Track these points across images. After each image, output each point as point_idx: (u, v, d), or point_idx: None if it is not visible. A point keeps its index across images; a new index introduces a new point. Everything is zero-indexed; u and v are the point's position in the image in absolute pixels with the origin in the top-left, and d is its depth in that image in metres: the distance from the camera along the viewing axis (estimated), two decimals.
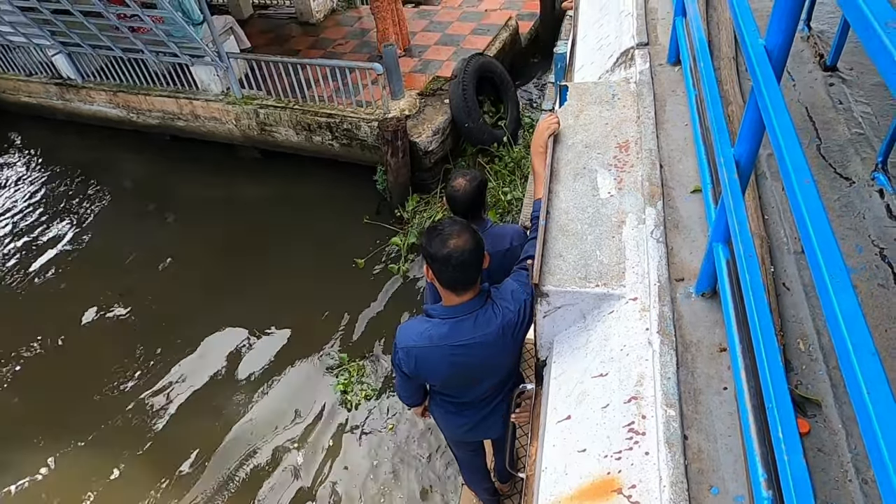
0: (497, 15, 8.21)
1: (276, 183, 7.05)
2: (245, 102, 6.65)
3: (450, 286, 1.89)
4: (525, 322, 1.96)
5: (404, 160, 5.90)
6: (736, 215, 1.07)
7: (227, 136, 7.14)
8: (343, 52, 7.82)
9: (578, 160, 2.03)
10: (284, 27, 8.56)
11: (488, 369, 2.08)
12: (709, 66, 1.46)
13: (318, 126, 6.38)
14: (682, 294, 1.53)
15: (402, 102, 6.27)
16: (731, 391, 1.33)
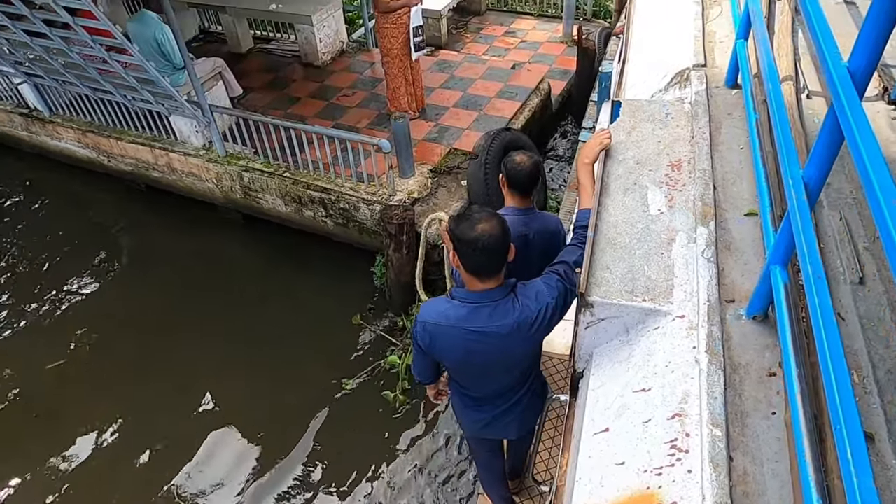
0: (527, 75, 6.97)
1: (256, 254, 5.93)
2: (228, 162, 5.61)
3: (474, 271, 1.89)
4: (544, 324, 1.95)
5: (409, 256, 4.81)
6: (805, 237, 1.06)
7: (206, 195, 6.11)
8: (349, 104, 6.63)
9: (629, 175, 2.03)
10: (286, 67, 7.49)
11: (501, 364, 2.07)
12: (777, 90, 1.45)
13: (311, 200, 5.36)
14: (732, 315, 1.52)
15: (410, 182, 5.25)
16: (780, 416, 1.30)
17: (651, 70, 2.83)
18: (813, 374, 1.21)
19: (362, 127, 6.16)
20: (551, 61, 7.70)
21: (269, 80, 7.29)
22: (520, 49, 8.04)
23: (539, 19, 8.72)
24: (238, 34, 7.71)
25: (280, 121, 5.16)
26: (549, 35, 8.27)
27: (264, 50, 7.95)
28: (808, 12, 1.31)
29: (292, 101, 6.78)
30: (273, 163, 5.51)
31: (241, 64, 7.52)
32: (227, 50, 7.72)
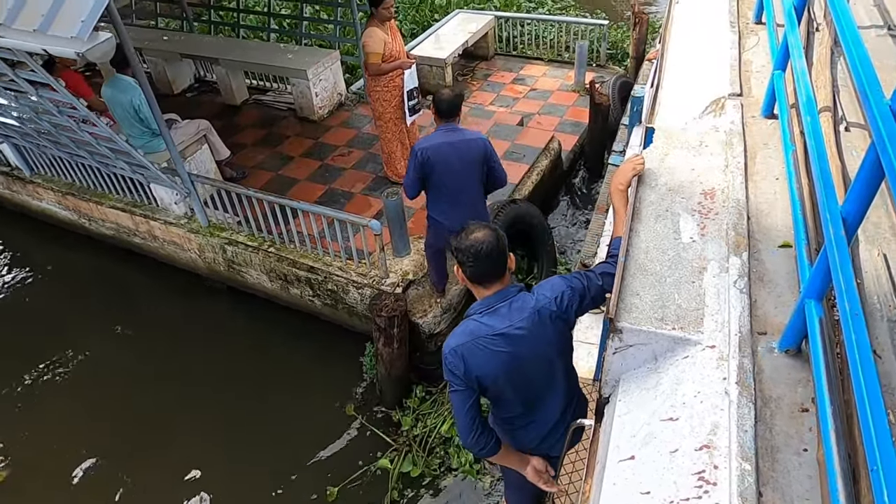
0: (535, 134, 6.46)
1: (240, 328, 5.44)
2: (210, 233, 5.25)
3: (478, 279, 2.01)
4: (563, 309, 1.99)
5: (400, 351, 4.34)
6: (842, 273, 1.06)
7: (189, 265, 5.76)
8: (344, 165, 6.16)
9: (661, 202, 2.03)
10: (281, 121, 7.09)
11: (534, 363, 2.05)
12: (816, 122, 1.44)
13: (297, 279, 4.94)
14: (764, 348, 1.50)
15: (405, 261, 4.74)
16: (812, 454, 1.28)
17: (685, 97, 2.83)
18: (847, 412, 1.19)
19: (357, 192, 5.72)
20: (562, 112, 7.06)
21: (262, 135, 6.86)
22: (529, 99, 7.33)
23: (549, 65, 8.06)
24: (232, 87, 7.34)
25: (263, 194, 4.75)
26: (561, 83, 7.63)
27: (260, 101, 7.55)
28: (848, 45, 1.31)
29: (285, 161, 6.35)
30: (258, 235, 5.11)
31: (234, 117, 7.18)
32: (222, 101, 7.43)
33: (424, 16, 9.86)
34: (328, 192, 5.80)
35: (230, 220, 5.21)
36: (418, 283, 4.68)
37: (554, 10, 10.25)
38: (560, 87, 7.54)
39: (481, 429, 2.06)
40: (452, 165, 3.62)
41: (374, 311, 4.19)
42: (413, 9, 10.07)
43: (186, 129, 5.48)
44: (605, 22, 7.52)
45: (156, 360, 5.20)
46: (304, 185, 5.94)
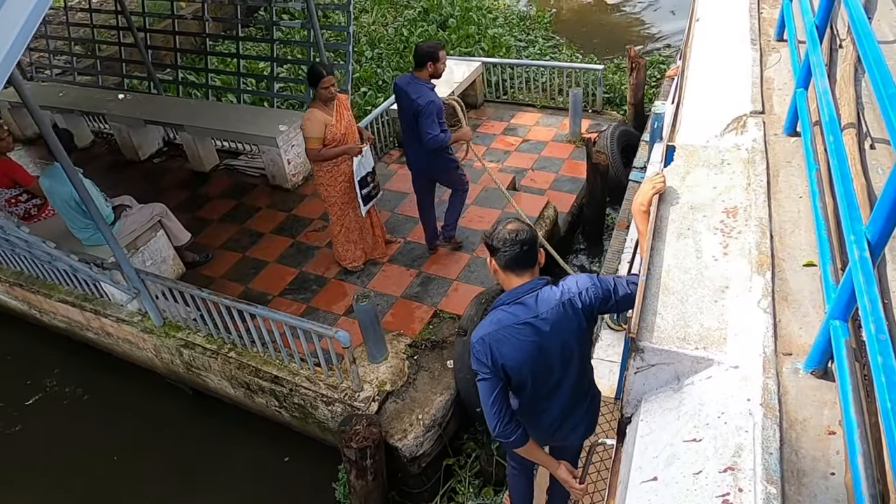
0: (528, 199, 5.73)
1: (203, 431, 4.90)
2: (166, 333, 4.73)
3: (512, 266, 2.09)
4: (587, 304, 2.08)
5: (376, 483, 3.82)
6: (867, 294, 1.05)
7: (146, 364, 5.21)
8: (318, 244, 5.54)
9: (683, 220, 2.02)
10: (252, 190, 6.50)
11: (556, 351, 2.12)
12: (839, 141, 1.44)
13: (260, 389, 4.39)
14: (789, 369, 1.48)
15: (381, 368, 4.15)
16: (839, 478, 1.26)
17: (706, 115, 2.82)
18: (875, 436, 1.17)
19: (331, 277, 5.13)
20: (557, 167, 6.50)
21: (231, 207, 6.28)
22: (521, 152, 6.77)
23: (542, 111, 7.51)
24: (200, 153, 6.78)
25: (216, 296, 4.13)
26: (555, 132, 7.07)
27: (231, 167, 6.96)
28: (870, 63, 1.31)
29: (254, 239, 5.76)
30: (217, 337, 4.53)
31: (203, 186, 6.65)
32: (190, 167, 6.96)
33: (409, 63, 9.10)
34: (299, 277, 5.19)
35: (188, 316, 4.59)
36: (397, 394, 4.08)
37: (545, 48, 9.75)
38: (554, 138, 6.98)
39: (508, 418, 2.12)
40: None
41: (344, 440, 3.59)
42: (397, 55, 9.63)
43: (139, 216, 4.98)
44: (600, 66, 7.12)
45: (103, 465, 4.72)
46: (273, 268, 5.35)
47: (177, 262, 5.35)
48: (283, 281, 5.19)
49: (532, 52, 9.62)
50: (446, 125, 4.42)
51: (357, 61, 9.43)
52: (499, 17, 10.79)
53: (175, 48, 7.64)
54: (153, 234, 5.08)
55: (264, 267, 5.40)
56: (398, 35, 10.23)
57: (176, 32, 7.55)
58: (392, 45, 9.96)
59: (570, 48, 9.89)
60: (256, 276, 5.30)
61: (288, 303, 4.93)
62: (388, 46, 9.96)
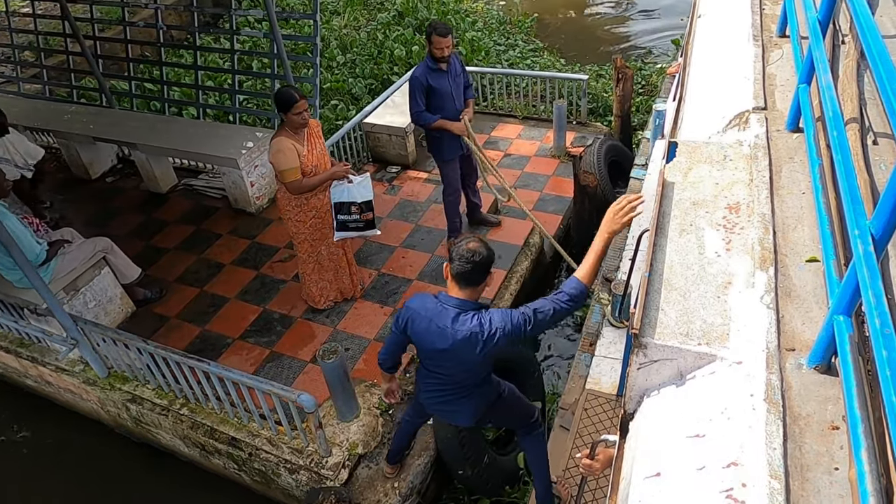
0: (512, 228, 5.35)
1: (157, 487, 4.43)
2: (110, 386, 4.25)
3: (456, 278, 2.44)
4: (490, 344, 2.42)
5: None
6: (872, 289, 1.05)
7: (92, 415, 4.75)
8: (284, 276, 5.09)
9: (685, 217, 2.02)
10: (213, 213, 5.97)
11: (453, 361, 2.57)
12: (843, 136, 1.44)
13: (216, 451, 3.97)
14: (793, 364, 1.48)
15: (352, 427, 3.75)
16: (843, 473, 1.26)
17: (708, 111, 2.82)
18: (879, 430, 1.17)
19: (298, 316, 4.74)
20: (542, 184, 6.12)
21: (189, 234, 5.75)
22: (503, 168, 6.34)
23: (524, 123, 7.22)
24: (155, 174, 6.29)
25: (163, 350, 3.71)
26: (538, 145, 6.77)
27: (190, 187, 6.41)
28: (874, 58, 1.31)
29: (213, 271, 5.25)
30: (168, 391, 4.09)
31: (158, 209, 6.13)
32: (146, 187, 6.44)
33: (383, 70, 8.83)
34: (263, 317, 4.76)
35: (137, 364, 4.11)
36: (371, 457, 3.69)
37: (525, 51, 9.42)
38: (538, 152, 6.66)
39: (391, 356, 2.87)
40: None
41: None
42: (370, 62, 9.13)
43: (80, 253, 4.51)
44: (584, 76, 6.84)
45: None
46: (234, 306, 4.89)
47: (125, 300, 4.85)
48: (244, 321, 4.72)
49: (512, 56, 9.21)
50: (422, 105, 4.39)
51: (327, 68, 8.88)
52: (477, 21, 10.31)
53: (128, 58, 7.03)
54: (96, 272, 4.56)
55: (224, 304, 4.90)
56: (371, 39, 9.62)
57: (128, 41, 6.98)
58: (365, 50, 9.32)
59: (551, 53, 9.58)
60: (215, 315, 4.81)
61: (250, 347, 4.49)
62: (360, 51, 9.31)
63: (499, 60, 9.13)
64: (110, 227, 5.80)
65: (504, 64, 9.01)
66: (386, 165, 6.67)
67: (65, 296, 4.33)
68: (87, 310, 4.50)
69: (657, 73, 8.54)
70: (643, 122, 7.61)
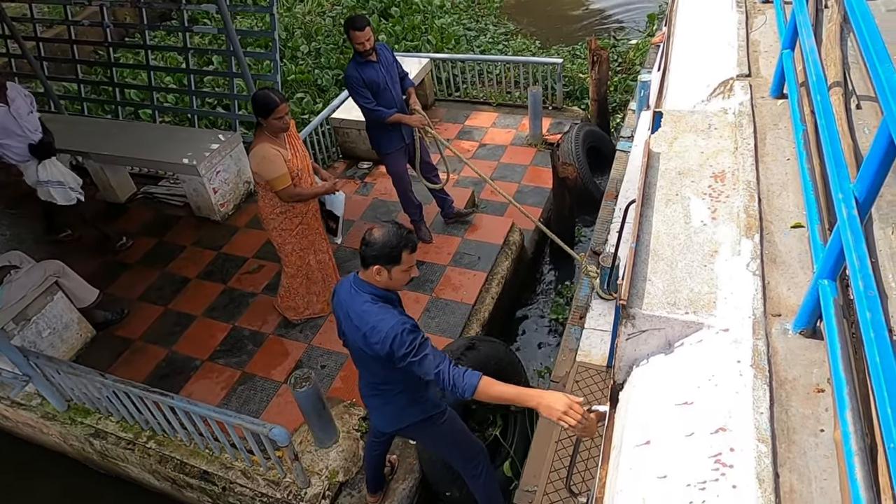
0: (491, 222, 5.07)
1: None
2: (71, 420, 3.99)
3: (360, 260, 2.33)
4: (369, 337, 2.27)
5: None
6: (856, 252, 1.05)
7: (56, 448, 4.41)
8: (253, 289, 4.78)
9: (671, 186, 2.02)
10: (176, 223, 5.56)
11: (352, 343, 2.44)
12: (827, 102, 1.43)
13: (188, 485, 3.74)
14: (779, 330, 1.49)
15: (332, 454, 3.52)
16: (829, 434, 1.28)
17: (693, 80, 2.80)
18: (864, 392, 1.19)
19: (269, 332, 4.42)
20: (519, 175, 5.85)
21: (150, 247, 5.35)
22: (479, 159, 6.08)
23: (499, 110, 6.92)
24: (112, 183, 5.82)
25: (124, 383, 3.43)
26: (514, 134, 6.48)
27: (150, 195, 5.96)
28: (858, 21, 1.30)
29: (178, 286, 4.91)
30: (132, 423, 3.81)
31: (117, 221, 5.67)
32: (103, 197, 5.93)
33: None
34: (232, 335, 4.45)
35: (98, 395, 3.76)
36: (353, 483, 3.47)
37: (497, 36, 9.08)
38: (514, 141, 6.39)
39: None
40: None
41: None
42: (336, 51, 8.61)
43: (28, 279, 4.16)
44: (559, 60, 6.52)
45: None
46: (201, 324, 4.57)
47: (84, 325, 4.48)
48: (213, 340, 4.42)
49: (484, 42, 8.90)
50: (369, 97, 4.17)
51: (291, 58, 8.48)
52: (446, 3, 9.85)
53: (74, 59, 6.54)
54: (48, 298, 4.18)
55: (191, 323, 4.58)
56: (336, 27, 9.05)
57: (73, 41, 6.49)
58: (331, 39, 8.87)
59: (524, 36, 9.27)
60: (182, 335, 4.50)
61: (220, 369, 4.22)
62: (325, 40, 8.85)
63: (470, 47, 8.75)
64: (64, 245, 5.47)
65: (476, 50, 8.65)
66: (357, 161, 6.38)
67: (15, 327, 4.01)
68: (41, 339, 4.20)
69: (634, 50, 8.34)
70: (623, 101, 7.46)
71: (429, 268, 4.78)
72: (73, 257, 4.89)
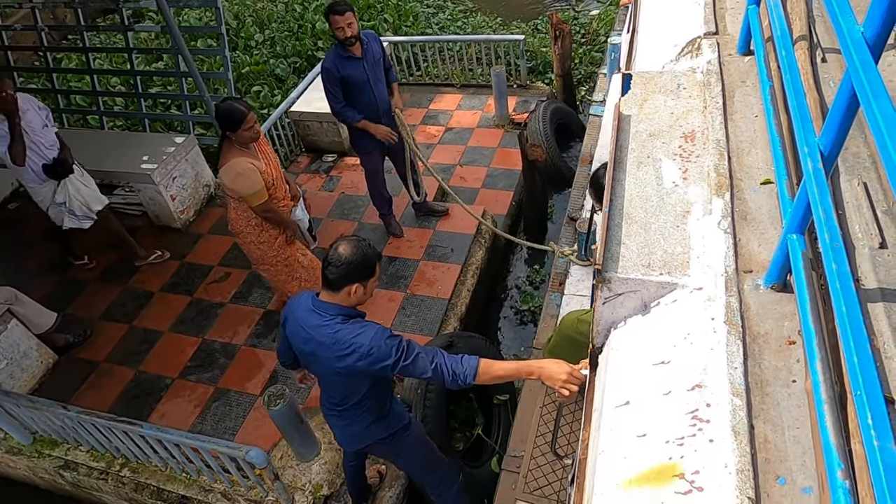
0: (462, 218, 4.84)
1: None
2: (38, 453, 3.82)
3: (324, 282, 2.24)
4: (346, 361, 2.19)
5: None
6: (822, 204, 1.06)
7: (29, 481, 4.26)
8: (222, 299, 4.64)
9: (642, 149, 2.02)
10: (135, 235, 5.23)
11: (318, 366, 2.38)
12: (791, 57, 1.43)
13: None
14: (750, 286, 1.52)
15: (314, 467, 3.45)
16: (800, 384, 1.31)
17: (661, 41, 2.79)
18: (832, 342, 1.22)
19: (241, 343, 4.34)
20: (488, 159, 5.81)
21: (110, 261, 5.12)
22: (445, 144, 6.05)
23: (463, 91, 6.88)
24: None
25: (89, 414, 3.31)
26: (480, 115, 6.46)
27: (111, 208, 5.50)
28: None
29: (142, 301, 4.73)
30: (103, 452, 3.65)
31: (72, 236, 5.16)
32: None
33: (306, 46, 8.19)
34: (203, 349, 4.33)
35: (62, 427, 3.59)
36: (338, 496, 3.41)
37: (456, 13, 9.00)
38: (480, 123, 6.33)
39: (287, 356, 2.64)
40: None
41: None
42: (292, 38, 8.42)
43: None
44: (521, 37, 6.50)
45: None
46: (169, 339, 4.43)
47: (44, 351, 4.31)
48: (182, 355, 4.29)
49: (442, 19, 8.70)
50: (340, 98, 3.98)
51: (245, 49, 8.15)
52: None
53: (10, 66, 6.19)
54: (1, 327, 4.04)
55: (158, 339, 4.44)
56: (290, 13, 8.87)
57: (7, 47, 6.18)
58: (285, 25, 8.61)
59: (483, 13, 9.10)
60: (149, 353, 4.36)
61: (192, 386, 4.12)
62: (279, 27, 8.59)
63: (428, 25, 8.58)
64: (17, 263, 5.24)
65: (435, 28, 8.51)
66: (321, 154, 6.24)
67: None
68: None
69: (597, 21, 8.23)
70: (589, 73, 7.42)
71: (401, 263, 4.66)
72: (26, 278, 4.69)
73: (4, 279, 4.76)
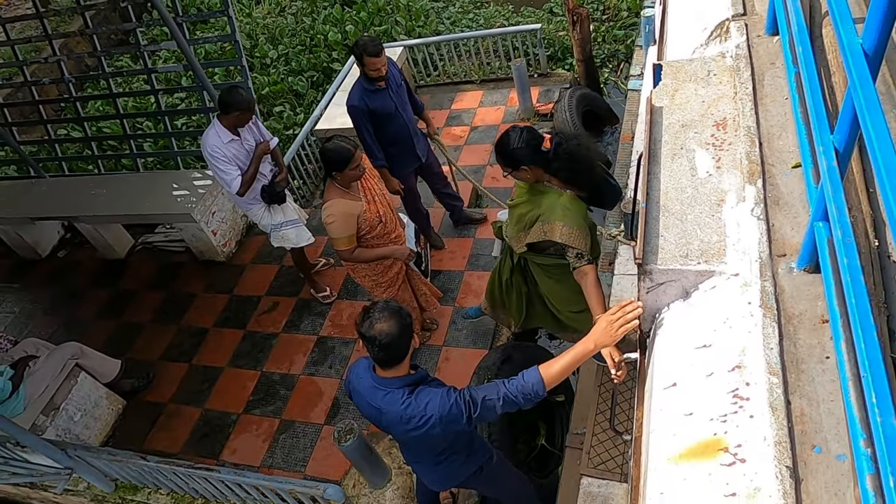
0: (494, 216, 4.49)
1: None
2: (121, 499, 3.99)
3: (375, 362, 2.23)
4: (421, 430, 2.18)
5: None
6: (835, 202, 1.17)
7: None
8: (274, 329, 4.70)
9: (675, 140, 2.12)
10: (180, 270, 5.45)
11: (396, 434, 2.37)
12: (807, 46, 1.51)
13: None
14: (784, 269, 1.62)
15: (387, 493, 3.52)
16: (833, 360, 1.42)
17: (691, 23, 2.83)
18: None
19: (298, 373, 4.35)
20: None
21: (160, 301, 5.23)
22: (472, 144, 5.83)
23: (483, 87, 6.68)
24: (108, 240, 5.74)
25: (167, 463, 3.41)
26: (504, 110, 6.26)
27: (149, 244, 5.84)
28: None
29: (197, 339, 4.78)
30: (182, 493, 3.76)
31: (121, 278, 5.59)
32: (101, 256, 5.86)
33: (321, 59, 8.08)
34: (262, 382, 4.38)
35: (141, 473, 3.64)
36: None
37: (466, 4, 8.74)
38: (505, 118, 6.13)
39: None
40: None
41: None
42: (306, 52, 8.30)
43: (48, 368, 4.04)
44: (538, 26, 6.26)
45: None
46: (229, 375, 4.48)
47: (112, 398, 4.43)
48: (244, 390, 4.34)
49: (453, 13, 8.50)
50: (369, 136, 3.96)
51: (260, 68, 8.10)
52: None
53: (43, 120, 6.22)
54: (72, 381, 4.11)
55: (219, 376, 4.49)
56: (300, 24, 8.75)
57: (39, 101, 6.15)
58: (297, 38, 8.49)
59: (495, 3, 8.79)
60: (211, 390, 4.42)
61: (257, 420, 4.17)
62: (291, 41, 8.48)
63: (440, 21, 8.42)
64: (73, 311, 5.41)
65: (447, 23, 8.32)
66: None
67: (45, 419, 3.96)
68: (73, 424, 4.18)
69: None
70: (612, 52, 7.15)
71: (447, 276, 4.60)
72: (86, 324, 4.91)
73: (66, 330, 5.03)
